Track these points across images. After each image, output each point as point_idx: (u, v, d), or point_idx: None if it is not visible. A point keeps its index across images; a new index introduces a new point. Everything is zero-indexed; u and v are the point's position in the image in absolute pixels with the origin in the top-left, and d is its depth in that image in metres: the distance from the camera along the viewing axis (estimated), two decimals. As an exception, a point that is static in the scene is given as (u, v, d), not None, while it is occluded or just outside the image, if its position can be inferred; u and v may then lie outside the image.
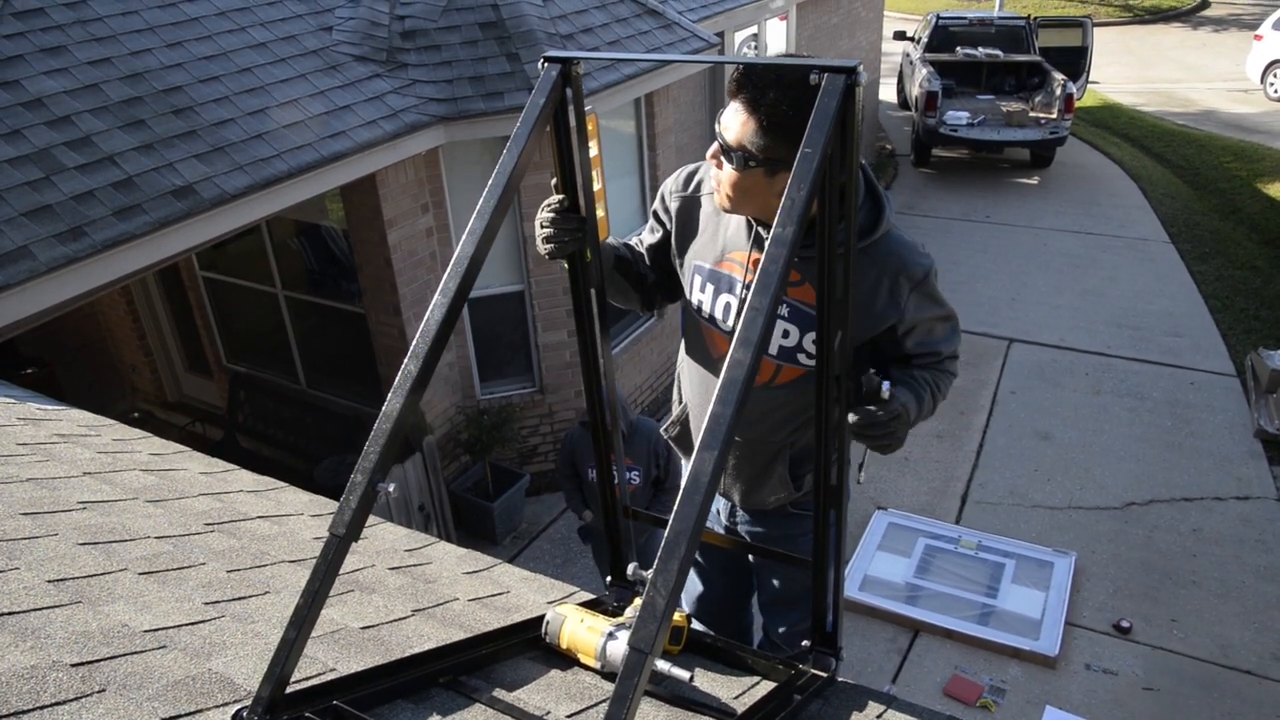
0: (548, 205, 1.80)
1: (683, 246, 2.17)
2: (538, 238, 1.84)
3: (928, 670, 5.15)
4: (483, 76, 5.58)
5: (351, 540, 1.28)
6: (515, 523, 6.52)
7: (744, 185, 1.83)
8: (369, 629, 1.63)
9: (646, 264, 2.26)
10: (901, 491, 6.63)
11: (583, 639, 1.59)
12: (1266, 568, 5.82)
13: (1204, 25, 23.20)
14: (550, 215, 1.79)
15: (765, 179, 1.81)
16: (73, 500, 2.00)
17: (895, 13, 21.70)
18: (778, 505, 2.30)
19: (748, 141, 1.77)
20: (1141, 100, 16.83)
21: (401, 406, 1.31)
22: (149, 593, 1.59)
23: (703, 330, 2.18)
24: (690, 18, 7.43)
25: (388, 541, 2.20)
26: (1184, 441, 7.14)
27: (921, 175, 13.23)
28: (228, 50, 5.05)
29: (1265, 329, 8.69)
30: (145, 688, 1.27)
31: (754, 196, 1.86)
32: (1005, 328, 8.93)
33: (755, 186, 1.83)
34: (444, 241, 6.02)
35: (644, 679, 1.06)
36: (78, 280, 3.86)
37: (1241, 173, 12.81)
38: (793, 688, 1.59)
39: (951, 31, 14.33)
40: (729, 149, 1.80)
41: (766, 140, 1.75)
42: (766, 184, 1.81)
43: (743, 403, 1.17)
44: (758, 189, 1.83)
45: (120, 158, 4.19)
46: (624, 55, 1.96)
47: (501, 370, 6.68)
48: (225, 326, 7.51)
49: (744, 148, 1.78)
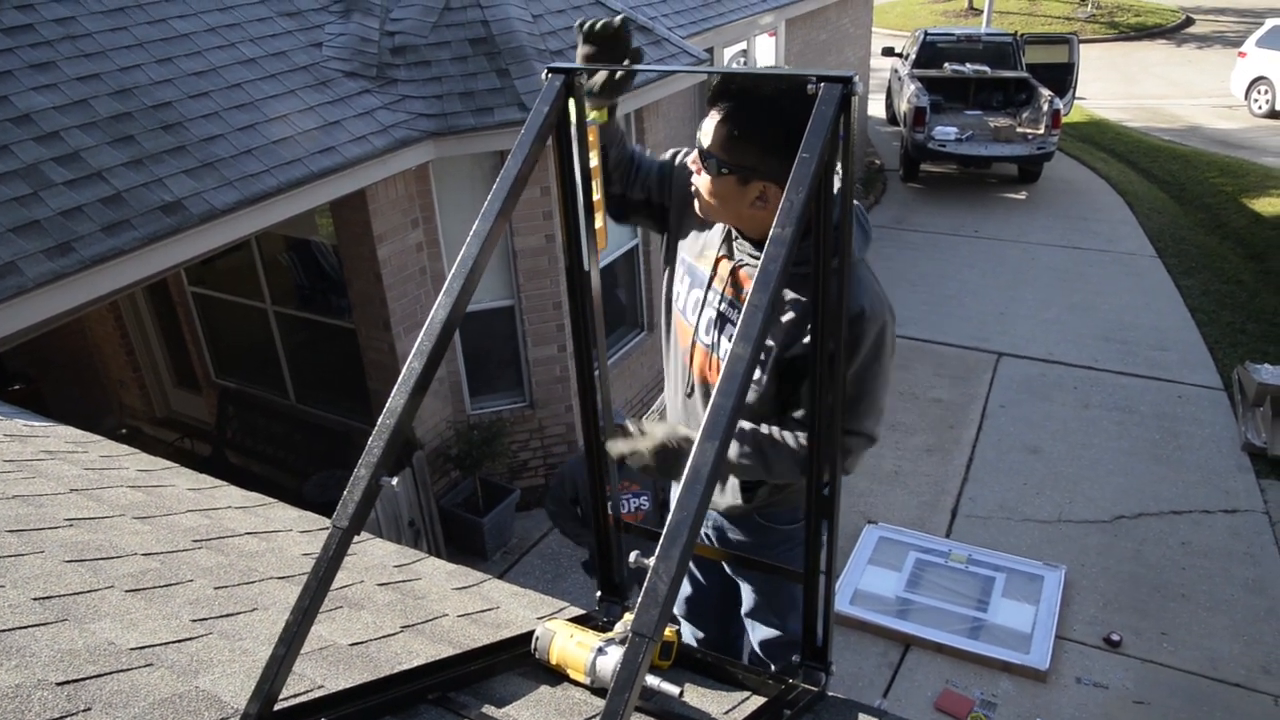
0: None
1: (676, 233, 2.21)
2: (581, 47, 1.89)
3: (919, 684, 5.14)
4: (473, 92, 5.60)
5: (354, 533, 1.28)
6: (505, 538, 6.49)
7: (717, 191, 1.89)
8: (357, 645, 1.62)
9: (634, 174, 2.21)
10: (891, 505, 6.63)
11: (572, 654, 1.58)
12: (1255, 580, 5.84)
13: (1188, 42, 23.44)
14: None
15: (737, 187, 1.85)
16: (59, 517, 1.98)
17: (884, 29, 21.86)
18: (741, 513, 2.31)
19: (720, 148, 1.83)
20: (1127, 116, 16.97)
21: (405, 402, 1.32)
22: (136, 610, 1.58)
23: (674, 320, 2.24)
24: (679, 34, 7.47)
25: (377, 557, 2.19)
26: (1172, 455, 7.17)
27: (910, 190, 13.30)
28: (217, 66, 5.05)
29: (1251, 343, 8.74)
30: (131, 706, 1.27)
31: (727, 204, 1.90)
32: (994, 342, 8.96)
33: (728, 194, 1.88)
34: (434, 257, 6.02)
35: (645, 665, 1.06)
36: (65, 296, 3.85)
37: (1227, 188, 12.92)
38: (783, 702, 1.59)
39: (939, 48, 14.44)
40: (705, 154, 1.86)
41: (737, 148, 1.81)
42: (738, 192, 1.86)
43: (743, 395, 1.20)
44: (731, 196, 1.88)
45: (109, 173, 4.18)
46: (626, 67, 1.98)
47: (492, 385, 6.67)
48: (214, 342, 7.49)
49: (717, 155, 1.83)
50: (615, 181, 2.17)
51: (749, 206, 1.88)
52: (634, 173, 2.19)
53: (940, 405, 7.93)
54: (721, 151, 1.83)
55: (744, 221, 1.95)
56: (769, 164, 1.80)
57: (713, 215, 1.98)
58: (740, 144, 1.80)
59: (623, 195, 2.19)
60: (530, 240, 6.20)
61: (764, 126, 1.77)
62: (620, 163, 2.17)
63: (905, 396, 8.04)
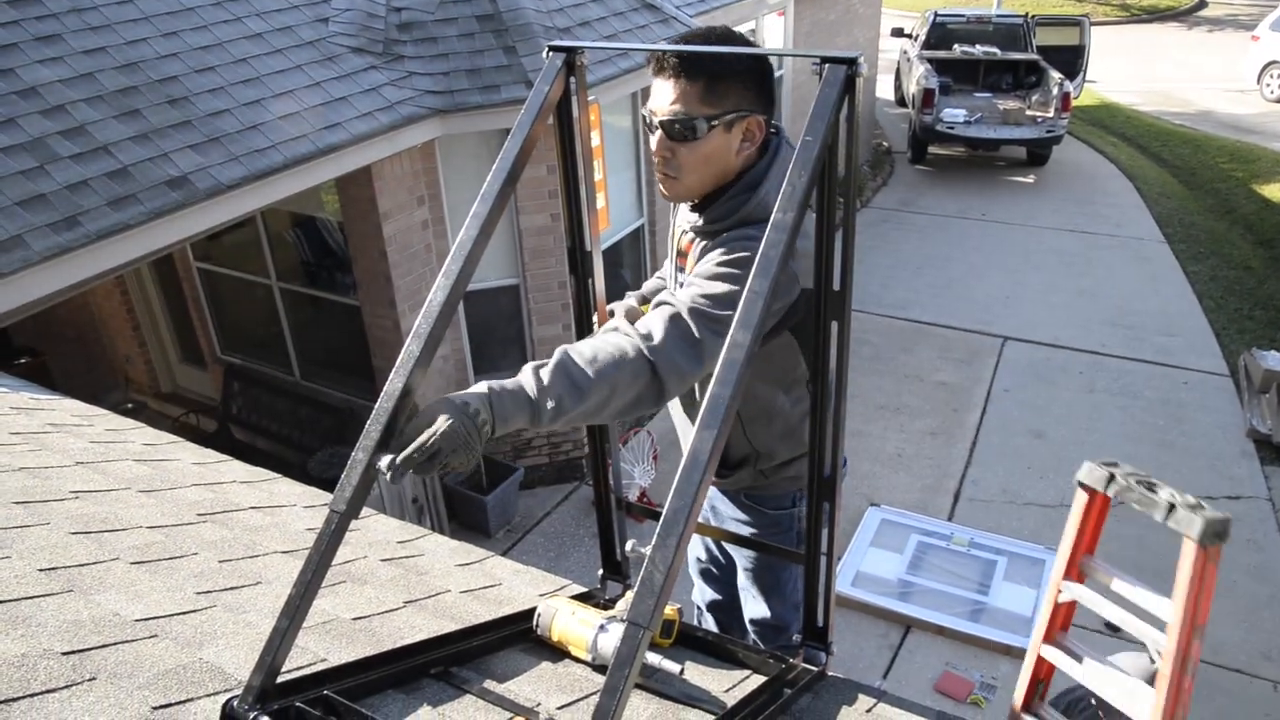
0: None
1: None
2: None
3: (919, 666, 5.16)
4: (479, 69, 5.57)
5: (351, 517, 1.29)
6: (509, 516, 6.52)
7: (705, 153, 1.82)
8: (360, 620, 1.63)
9: None
10: (894, 488, 6.64)
11: (574, 631, 1.59)
12: (1257, 567, 5.84)
13: (1201, 25, 23.22)
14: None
15: (724, 134, 1.81)
16: (65, 490, 1.99)
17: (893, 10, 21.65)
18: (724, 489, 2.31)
19: (697, 105, 1.77)
20: (1138, 99, 16.84)
21: (404, 385, 1.32)
22: (140, 582, 1.59)
23: None
24: (687, 12, 7.42)
25: (380, 533, 2.20)
26: (1177, 441, 7.16)
27: (918, 172, 13.24)
28: (223, 40, 5.03)
29: (1259, 329, 8.71)
30: (136, 676, 1.28)
31: (717, 159, 1.84)
32: (1000, 325, 8.94)
33: (718, 148, 1.82)
34: (439, 234, 6.01)
35: (641, 654, 1.07)
36: (71, 270, 3.85)
37: (1237, 173, 12.84)
38: (783, 682, 1.59)
39: (949, 29, 14.33)
40: (684, 121, 1.78)
41: (716, 94, 1.77)
42: (726, 140, 1.82)
43: (741, 382, 1.19)
44: (720, 149, 1.83)
45: (115, 147, 4.18)
46: (630, 45, 1.97)
47: (496, 364, 6.67)
48: (220, 318, 7.50)
49: (698, 113, 1.78)
50: None
51: (737, 152, 1.84)
52: None
53: (945, 388, 7.92)
54: (702, 106, 1.77)
55: (727, 172, 1.86)
56: (746, 94, 1.79)
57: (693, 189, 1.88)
58: (714, 87, 1.76)
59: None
60: (536, 219, 6.19)
61: (721, 61, 1.75)
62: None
63: (910, 379, 8.03)
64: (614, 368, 1.55)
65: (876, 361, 8.30)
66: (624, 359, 1.57)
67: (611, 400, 1.56)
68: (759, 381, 2.04)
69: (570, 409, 1.49)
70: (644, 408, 1.63)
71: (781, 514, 2.26)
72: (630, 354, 1.59)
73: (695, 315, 1.66)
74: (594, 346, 1.58)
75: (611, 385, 1.54)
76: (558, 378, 1.49)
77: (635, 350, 1.60)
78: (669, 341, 1.63)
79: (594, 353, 1.56)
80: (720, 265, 1.75)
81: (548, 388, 1.48)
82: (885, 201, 12.12)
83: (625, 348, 1.59)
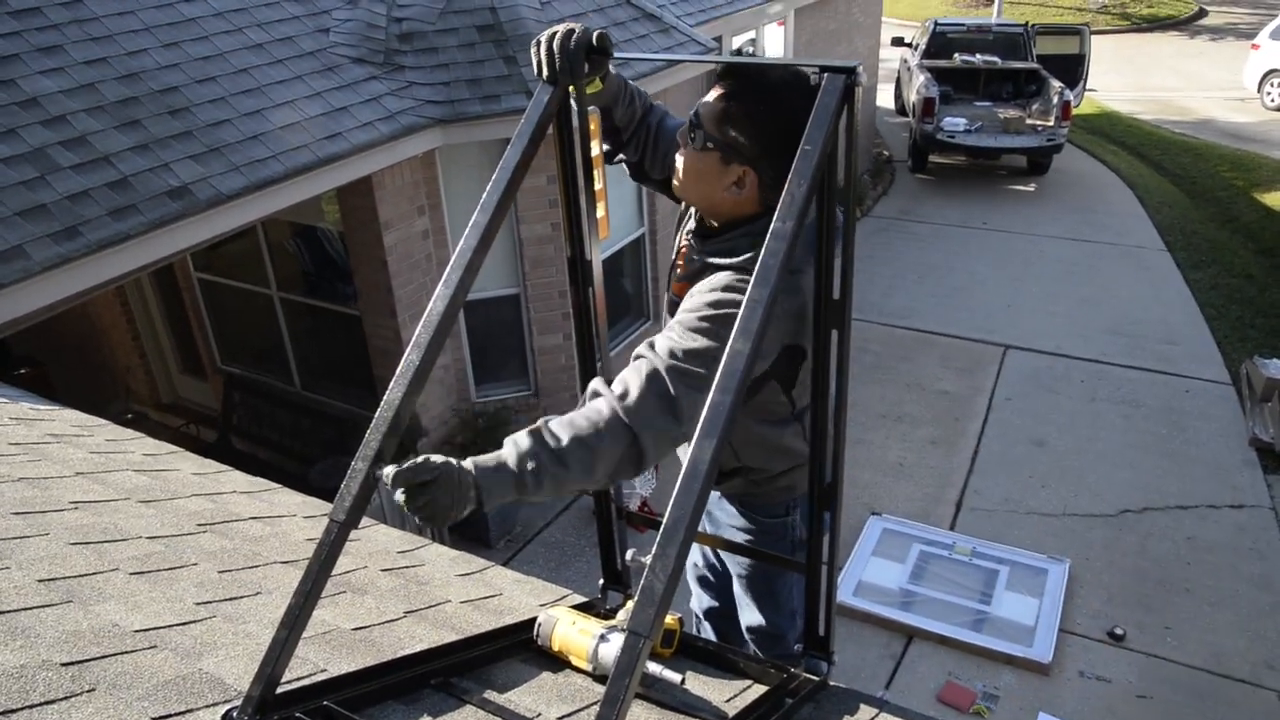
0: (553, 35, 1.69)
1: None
2: (539, 51, 1.66)
3: (921, 676, 5.14)
4: (480, 79, 5.59)
5: (351, 527, 1.29)
6: (509, 526, 6.50)
7: (697, 167, 1.84)
8: (361, 630, 1.62)
9: (652, 148, 2.10)
10: (896, 497, 6.63)
11: (575, 641, 1.59)
12: (1260, 576, 5.82)
13: (1201, 34, 23.27)
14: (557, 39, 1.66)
15: (719, 165, 1.81)
16: (64, 500, 1.99)
17: (893, 19, 21.75)
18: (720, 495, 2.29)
19: (713, 123, 1.79)
20: (1139, 108, 16.87)
21: (403, 395, 1.32)
22: (140, 593, 1.58)
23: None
24: (688, 22, 7.44)
25: (380, 543, 2.20)
26: (1179, 449, 7.14)
27: (918, 181, 13.25)
28: (224, 51, 5.05)
29: (1260, 337, 8.70)
30: (135, 687, 1.27)
31: (703, 182, 1.85)
32: (1001, 334, 8.94)
33: (708, 171, 1.83)
34: (440, 244, 6.02)
35: (642, 664, 1.07)
36: (72, 280, 3.85)
37: (1238, 181, 12.85)
38: (785, 691, 1.59)
39: (950, 38, 14.36)
40: (694, 126, 1.81)
41: (731, 126, 1.77)
42: (718, 171, 1.81)
43: (741, 390, 1.20)
44: (709, 174, 1.83)
45: (116, 158, 4.18)
46: (631, 55, 1.97)
47: (496, 373, 6.67)
48: (220, 328, 7.50)
49: (707, 129, 1.79)
50: (630, 146, 2.07)
51: (724, 189, 1.83)
52: (651, 147, 2.09)
53: (946, 397, 7.91)
54: (713, 126, 1.79)
55: (714, 205, 1.88)
56: (756, 149, 1.77)
57: (685, 192, 1.92)
58: (735, 122, 1.76)
59: (639, 165, 2.11)
60: (536, 228, 6.19)
61: (763, 110, 1.74)
62: (634, 125, 2.05)
63: (911, 388, 8.02)
64: (592, 430, 1.57)
65: (877, 370, 8.30)
66: (600, 421, 1.59)
67: (596, 464, 1.56)
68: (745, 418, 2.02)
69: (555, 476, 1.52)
70: (630, 467, 1.62)
71: (775, 522, 2.25)
72: (606, 414, 1.60)
73: (673, 373, 1.65)
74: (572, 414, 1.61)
75: (591, 450, 1.55)
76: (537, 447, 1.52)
77: (611, 411, 1.60)
78: (644, 401, 1.62)
79: (571, 419, 1.58)
80: (702, 319, 1.72)
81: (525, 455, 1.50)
82: (886, 210, 12.13)
83: (602, 409, 1.61)
